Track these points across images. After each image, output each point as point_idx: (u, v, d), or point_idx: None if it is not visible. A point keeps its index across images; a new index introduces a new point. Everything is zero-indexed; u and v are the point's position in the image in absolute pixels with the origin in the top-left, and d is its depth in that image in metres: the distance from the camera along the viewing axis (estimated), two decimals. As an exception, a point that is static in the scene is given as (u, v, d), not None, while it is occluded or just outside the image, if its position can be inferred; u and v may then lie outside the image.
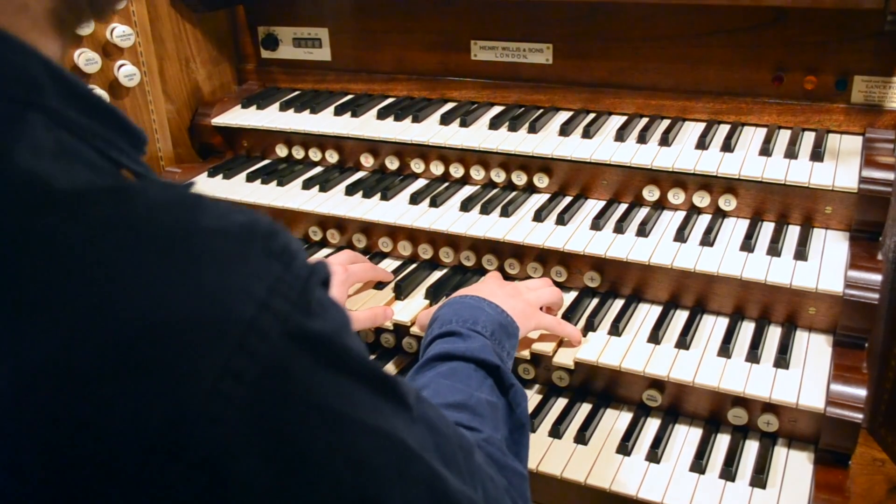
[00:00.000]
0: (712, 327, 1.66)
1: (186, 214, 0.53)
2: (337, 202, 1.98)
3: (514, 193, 1.94)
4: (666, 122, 1.96)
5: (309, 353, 0.55)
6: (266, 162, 2.23)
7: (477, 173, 1.99)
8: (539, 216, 1.83)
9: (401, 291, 1.82)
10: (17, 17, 0.57)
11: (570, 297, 1.78)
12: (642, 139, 1.87)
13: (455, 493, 0.70)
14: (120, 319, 0.49)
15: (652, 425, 1.61)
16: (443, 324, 1.35)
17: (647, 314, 1.72)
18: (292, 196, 2.02)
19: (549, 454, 1.55)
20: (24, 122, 0.53)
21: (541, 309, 1.61)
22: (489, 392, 1.18)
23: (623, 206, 1.86)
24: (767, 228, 1.73)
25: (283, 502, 0.54)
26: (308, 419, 0.54)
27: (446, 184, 2.02)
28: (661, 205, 1.85)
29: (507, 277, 1.84)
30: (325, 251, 2.02)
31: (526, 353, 1.65)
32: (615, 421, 1.63)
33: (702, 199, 1.80)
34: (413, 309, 1.77)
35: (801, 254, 1.63)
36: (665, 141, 1.85)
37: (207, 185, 2.13)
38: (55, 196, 0.51)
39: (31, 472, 0.49)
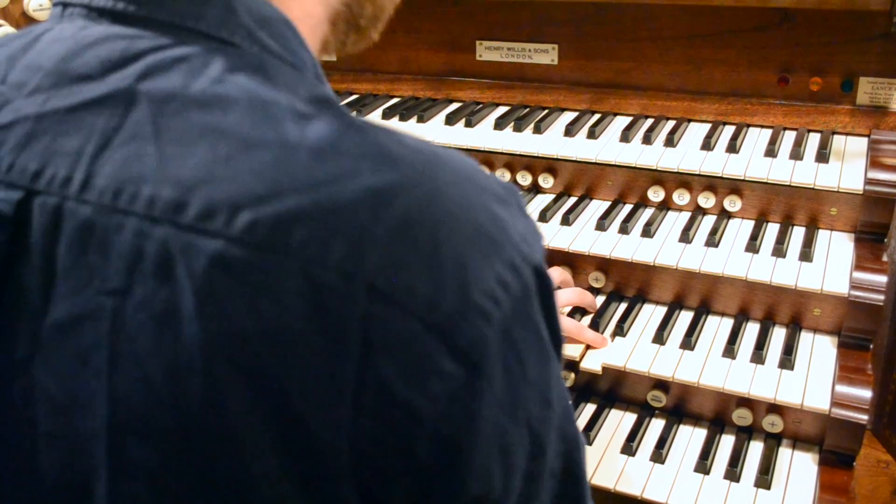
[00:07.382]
0: (717, 328, 1.66)
1: (465, 160, 0.64)
2: (342, 202, 1.98)
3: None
4: (671, 123, 1.95)
5: (542, 292, 0.63)
6: (271, 161, 2.23)
7: (482, 173, 1.99)
8: (544, 216, 1.83)
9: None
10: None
11: (574, 297, 1.78)
12: (647, 140, 1.87)
13: (579, 464, 0.73)
14: (433, 219, 0.57)
15: (656, 426, 1.62)
16: None
17: (651, 315, 1.72)
18: (297, 195, 2.02)
19: (553, 454, 1.55)
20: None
21: (575, 314, 1.62)
22: None
23: (628, 207, 1.86)
24: (772, 229, 1.73)
25: (504, 413, 0.60)
26: (534, 345, 0.62)
27: (451, 184, 2.01)
28: (666, 205, 1.85)
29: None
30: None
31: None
32: (619, 421, 1.63)
33: (707, 200, 1.80)
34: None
35: (806, 255, 1.63)
36: (670, 142, 1.85)
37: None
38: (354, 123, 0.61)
39: (330, 321, 0.54)
